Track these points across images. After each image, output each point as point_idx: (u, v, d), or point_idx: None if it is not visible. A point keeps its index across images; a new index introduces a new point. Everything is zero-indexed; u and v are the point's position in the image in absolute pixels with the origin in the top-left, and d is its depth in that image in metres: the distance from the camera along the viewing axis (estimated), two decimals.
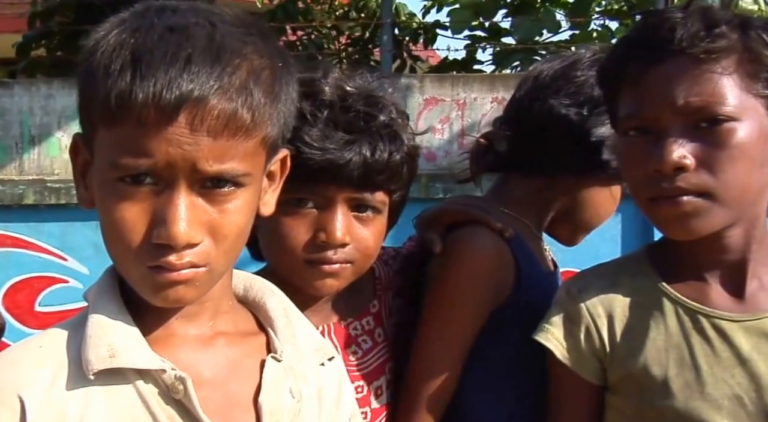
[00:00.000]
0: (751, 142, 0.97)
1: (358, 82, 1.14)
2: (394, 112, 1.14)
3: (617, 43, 1.08)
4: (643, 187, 1.01)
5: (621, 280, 1.09)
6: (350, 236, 1.09)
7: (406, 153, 1.13)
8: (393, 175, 1.12)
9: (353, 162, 1.06)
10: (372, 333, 1.21)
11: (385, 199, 1.13)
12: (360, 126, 1.09)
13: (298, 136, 1.04)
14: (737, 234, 1.03)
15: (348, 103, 1.10)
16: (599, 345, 1.07)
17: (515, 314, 1.20)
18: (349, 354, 1.17)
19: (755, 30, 0.99)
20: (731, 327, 1.01)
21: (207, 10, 0.80)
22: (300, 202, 1.09)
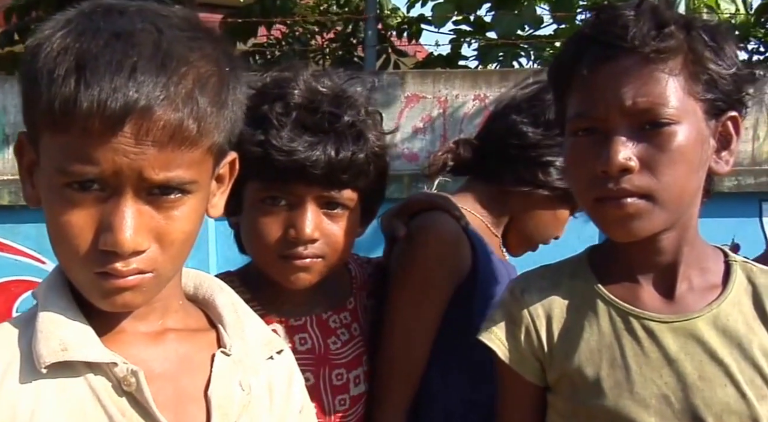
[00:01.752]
0: (689, 145, 0.98)
1: (329, 82, 1.19)
2: (362, 111, 1.19)
3: (570, 38, 1.09)
4: (588, 188, 1.01)
5: (561, 282, 1.11)
6: (320, 232, 1.15)
7: (371, 151, 1.17)
8: (359, 173, 1.16)
9: (318, 162, 1.11)
10: (349, 327, 1.27)
11: (354, 196, 1.18)
12: (325, 127, 1.13)
13: (267, 139, 1.11)
14: (671, 237, 1.05)
15: (315, 105, 1.15)
16: (538, 346, 1.09)
17: (467, 297, 1.28)
18: (329, 344, 1.23)
19: (698, 31, 1.00)
20: (660, 328, 1.03)
21: (155, 12, 0.79)
22: (273, 201, 1.15)
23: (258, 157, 1.11)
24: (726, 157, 1.05)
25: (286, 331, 1.20)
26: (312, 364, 1.20)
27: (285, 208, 1.15)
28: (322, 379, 1.21)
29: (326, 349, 1.22)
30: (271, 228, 1.14)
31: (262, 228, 1.15)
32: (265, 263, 1.18)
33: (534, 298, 1.10)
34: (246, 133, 1.11)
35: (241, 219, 1.19)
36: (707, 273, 1.08)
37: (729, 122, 1.03)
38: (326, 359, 1.22)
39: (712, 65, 0.99)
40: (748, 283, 1.07)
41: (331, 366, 1.22)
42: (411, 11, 5.14)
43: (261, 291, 1.22)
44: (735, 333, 1.03)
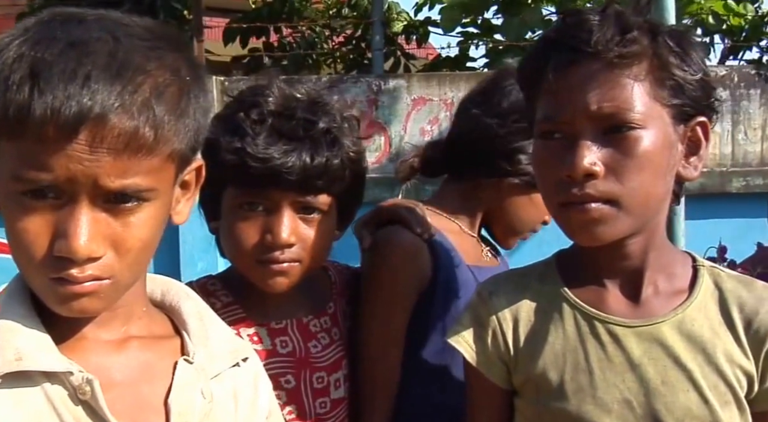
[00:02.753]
0: (655, 150, 0.98)
1: (304, 89, 1.22)
2: (338, 117, 1.21)
3: (536, 42, 1.09)
4: (554, 192, 1.01)
5: (529, 285, 1.11)
6: (296, 237, 1.17)
7: (347, 157, 1.19)
8: (334, 179, 1.18)
9: (294, 168, 1.13)
10: (329, 331, 1.29)
11: (330, 201, 1.20)
12: (300, 133, 1.16)
13: (243, 146, 1.13)
14: (638, 241, 1.04)
15: (290, 111, 1.17)
16: (504, 349, 1.09)
17: (429, 304, 1.32)
18: (310, 347, 1.26)
19: (663, 36, 1.00)
20: (624, 333, 1.03)
21: (115, 22, 0.79)
22: (251, 206, 1.18)
23: (234, 164, 1.14)
24: (695, 162, 1.05)
25: (269, 334, 1.22)
26: (293, 367, 1.22)
27: (262, 214, 1.17)
28: (303, 382, 1.23)
29: (307, 352, 1.24)
30: (249, 233, 1.16)
31: (240, 233, 1.17)
32: (243, 267, 1.20)
33: (501, 301, 1.10)
34: (222, 141, 1.15)
35: (220, 225, 1.22)
36: (674, 278, 1.07)
37: (698, 127, 1.03)
38: (307, 362, 1.24)
39: (677, 71, 0.99)
40: (715, 288, 1.06)
41: (311, 369, 1.24)
42: (418, 14, 5.16)
43: (243, 295, 1.24)
44: (699, 338, 1.02)
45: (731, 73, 3.91)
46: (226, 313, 1.21)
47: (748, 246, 3.21)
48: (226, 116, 1.19)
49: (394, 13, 5.15)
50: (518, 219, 1.42)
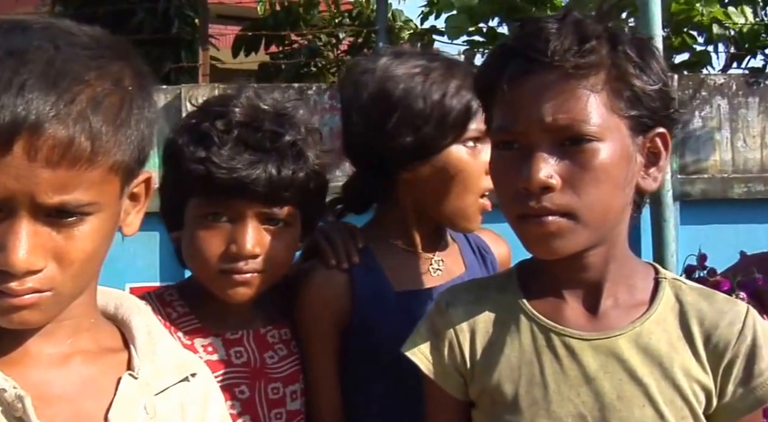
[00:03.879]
0: (613, 163, 0.96)
1: (270, 101, 1.22)
2: (303, 129, 1.22)
3: (493, 50, 1.08)
4: (511, 204, 1.00)
5: (488, 295, 1.09)
6: (260, 248, 1.18)
7: (312, 169, 1.21)
8: (299, 191, 1.19)
9: (259, 180, 1.14)
10: (288, 343, 1.29)
11: (295, 213, 1.21)
12: (267, 145, 1.16)
13: (208, 156, 1.14)
14: (597, 253, 1.02)
15: (257, 123, 1.18)
16: (461, 361, 1.07)
17: (349, 335, 1.28)
18: (266, 358, 1.25)
19: (623, 46, 0.98)
20: (581, 346, 1.02)
21: (60, 30, 0.78)
22: (215, 217, 1.18)
23: (199, 174, 1.14)
24: (654, 174, 1.03)
25: (224, 344, 1.23)
26: (247, 377, 1.22)
27: (226, 224, 1.17)
28: (258, 392, 1.22)
29: (262, 363, 1.24)
30: (213, 243, 1.17)
31: (204, 243, 1.17)
32: (205, 278, 1.20)
33: (459, 312, 1.08)
34: (187, 150, 1.16)
35: (182, 235, 1.22)
36: (634, 290, 1.06)
37: (657, 138, 1.02)
38: (262, 373, 1.23)
39: (636, 81, 0.97)
40: (676, 301, 1.05)
41: (267, 380, 1.23)
42: (424, 23, 5.21)
43: (199, 306, 1.24)
44: (656, 352, 1.00)
45: (729, 81, 3.93)
46: (182, 323, 1.22)
47: (749, 252, 3.23)
48: (192, 125, 1.20)
49: (399, 21, 5.21)
50: (448, 200, 1.28)
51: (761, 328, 1.02)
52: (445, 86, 1.26)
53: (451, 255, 1.37)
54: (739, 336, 1.01)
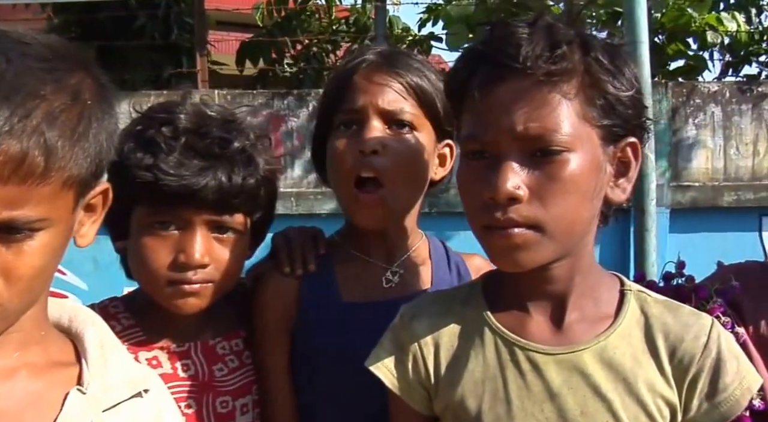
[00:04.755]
0: (582, 174, 0.94)
1: (217, 107, 1.21)
2: (252, 136, 1.20)
3: (463, 54, 1.03)
4: (477, 214, 0.97)
5: (453, 308, 1.07)
6: (210, 257, 1.16)
7: (262, 176, 1.19)
8: (249, 198, 1.18)
9: (208, 187, 1.12)
10: (240, 354, 1.27)
11: (245, 221, 1.20)
12: (215, 152, 1.14)
13: (156, 163, 1.11)
14: (563, 266, 1.00)
15: (205, 130, 1.16)
16: (425, 375, 1.05)
17: (292, 340, 1.28)
18: (215, 371, 1.23)
19: (595, 52, 0.95)
20: (545, 361, 0.99)
21: (13, 41, 0.77)
22: (163, 225, 1.15)
23: (146, 182, 1.11)
24: (624, 184, 1.01)
25: (169, 358, 1.20)
26: (194, 391, 1.20)
27: (174, 233, 1.15)
28: (206, 406, 1.20)
29: (210, 376, 1.21)
30: (160, 253, 1.14)
31: (151, 253, 1.15)
32: (153, 289, 1.18)
33: (423, 325, 1.06)
34: (133, 158, 1.13)
35: (128, 244, 1.19)
36: (600, 303, 1.04)
37: (628, 148, 0.99)
38: (210, 386, 1.21)
39: (609, 88, 0.94)
40: (641, 314, 1.03)
41: (215, 394, 1.21)
42: (422, 30, 5.24)
43: (145, 318, 1.22)
44: (621, 366, 0.99)
45: (723, 88, 3.95)
46: (126, 336, 1.19)
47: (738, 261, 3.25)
48: (137, 132, 1.17)
49: (397, 28, 5.24)
50: (336, 193, 1.28)
51: (726, 341, 1.01)
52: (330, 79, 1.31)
53: (416, 269, 1.32)
54: (704, 350, 0.99)
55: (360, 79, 1.23)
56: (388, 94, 1.22)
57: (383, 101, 1.21)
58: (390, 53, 1.28)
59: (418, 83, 1.24)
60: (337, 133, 1.24)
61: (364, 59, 1.25)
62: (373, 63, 1.24)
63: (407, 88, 1.22)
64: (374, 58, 1.25)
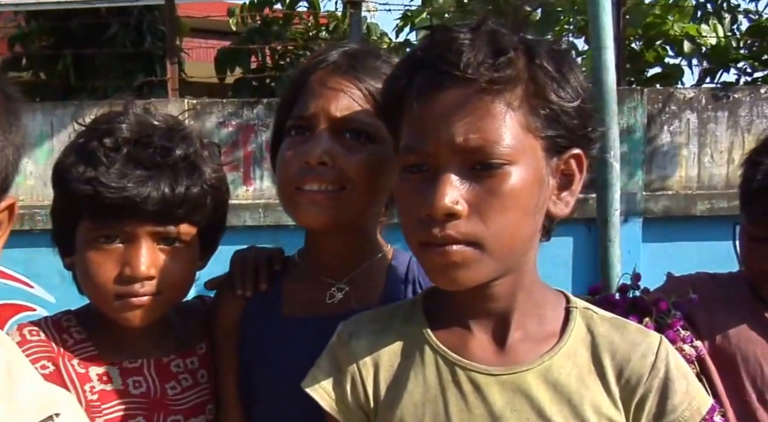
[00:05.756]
0: (524, 188, 0.90)
1: (161, 116, 1.19)
2: (197, 144, 1.18)
3: (401, 60, 0.98)
4: (414, 231, 0.92)
5: (393, 326, 1.02)
6: (156, 268, 1.14)
7: (208, 184, 1.17)
8: (194, 208, 1.15)
9: (151, 198, 1.10)
10: (195, 373, 1.24)
11: (191, 230, 1.17)
12: (157, 161, 1.12)
13: (96, 176, 1.09)
14: (505, 283, 0.96)
15: (147, 139, 1.14)
16: (364, 397, 1.00)
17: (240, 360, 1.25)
18: (167, 389, 1.21)
19: (541, 59, 0.90)
20: (487, 382, 0.95)
21: None
22: (107, 239, 1.14)
23: (87, 195, 1.10)
24: (567, 198, 0.97)
25: (120, 373, 1.18)
26: (145, 409, 1.18)
27: (119, 246, 1.13)
28: None
29: (162, 394, 1.19)
30: (106, 267, 1.13)
31: (97, 267, 1.13)
32: (101, 302, 1.16)
33: (362, 344, 1.01)
34: (74, 171, 1.11)
35: (75, 260, 1.18)
36: (544, 321, 1.00)
37: (572, 160, 0.95)
38: (161, 404, 1.19)
39: (554, 97, 0.90)
40: (587, 332, 0.99)
41: (166, 412, 1.19)
42: (399, 36, 5.22)
43: (98, 332, 1.20)
44: (566, 388, 0.95)
45: (699, 95, 3.93)
46: (78, 351, 1.17)
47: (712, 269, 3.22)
48: (79, 145, 1.15)
49: (375, 34, 5.22)
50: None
51: (675, 360, 0.98)
52: (290, 78, 1.26)
53: (366, 285, 1.24)
54: (651, 370, 0.96)
55: (314, 82, 1.15)
56: (343, 100, 1.13)
57: (336, 108, 1.13)
58: (355, 53, 1.18)
59: (379, 90, 1.14)
60: (287, 138, 1.17)
61: (323, 59, 1.17)
62: (331, 64, 1.16)
63: (365, 94, 1.14)
64: (335, 58, 1.16)
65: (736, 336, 1.38)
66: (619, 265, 2.08)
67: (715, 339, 1.38)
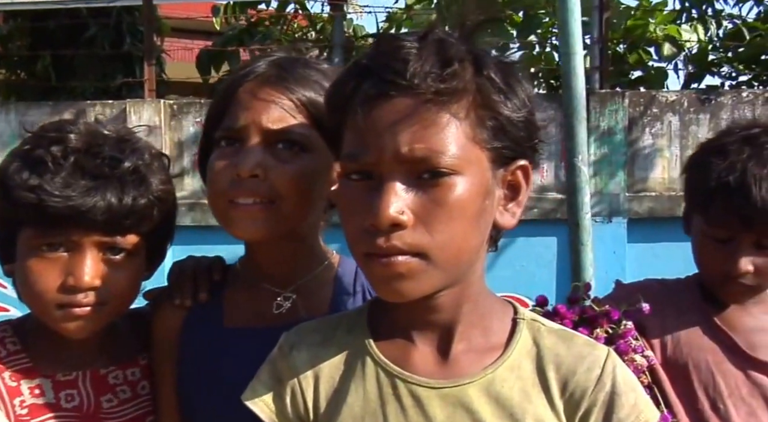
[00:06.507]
0: (471, 199, 0.88)
1: (112, 127, 1.19)
2: (146, 155, 1.17)
3: (347, 67, 0.97)
4: (358, 241, 0.90)
5: (336, 336, 1.00)
6: (100, 279, 1.12)
7: (155, 196, 1.16)
8: (141, 219, 1.15)
9: (97, 208, 1.09)
10: (135, 385, 1.22)
11: (138, 241, 1.16)
12: (105, 172, 1.12)
13: (41, 184, 1.08)
14: (450, 294, 0.94)
15: (96, 149, 1.13)
16: (303, 411, 0.98)
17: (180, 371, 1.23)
18: (102, 402, 1.18)
19: (488, 70, 0.89)
20: (428, 395, 0.93)
21: None
22: (50, 247, 1.12)
23: (31, 203, 1.08)
24: (513, 209, 0.95)
25: (53, 387, 1.16)
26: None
27: (63, 254, 1.12)
28: None
29: (97, 407, 1.17)
30: (49, 276, 1.11)
31: (39, 276, 1.12)
32: (42, 312, 1.14)
33: (303, 356, 0.99)
34: (18, 178, 1.10)
35: (16, 267, 1.16)
36: (489, 333, 0.97)
37: (519, 171, 0.94)
38: (95, 418, 1.17)
39: (501, 109, 0.89)
40: (533, 344, 0.96)
41: None
42: None
43: (34, 343, 1.18)
44: (509, 401, 0.92)
45: (681, 98, 3.92)
46: (10, 363, 1.15)
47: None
48: (24, 152, 1.14)
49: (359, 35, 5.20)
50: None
51: (622, 374, 0.95)
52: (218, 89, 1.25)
53: (314, 294, 1.22)
54: (597, 383, 0.93)
55: (244, 93, 1.12)
56: (274, 111, 1.11)
57: (268, 119, 1.10)
58: (283, 63, 1.16)
59: (311, 98, 1.13)
60: (217, 149, 1.14)
61: (252, 70, 1.15)
62: (260, 76, 1.14)
63: (297, 104, 1.12)
64: (264, 69, 1.14)
65: (687, 345, 1.35)
66: (592, 268, 2.05)
67: (667, 348, 1.35)
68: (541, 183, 3.82)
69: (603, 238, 3.90)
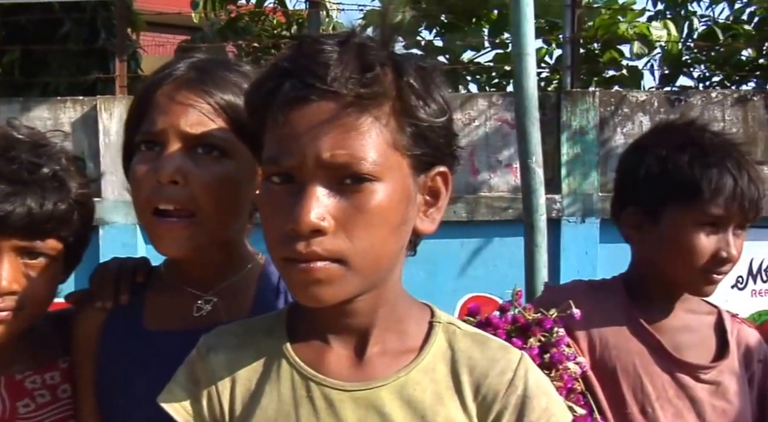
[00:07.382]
0: (391, 206, 0.88)
1: (26, 131, 1.18)
2: (64, 160, 1.17)
3: (267, 69, 0.95)
4: (277, 245, 0.89)
5: (254, 339, 1.00)
6: (19, 283, 1.12)
7: (74, 200, 1.16)
8: (61, 223, 1.14)
9: (17, 213, 1.09)
10: (55, 389, 1.21)
11: (57, 245, 1.16)
12: (24, 177, 1.11)
13: None
14: (366, 298, 0.94)
15: (13, 154, 1.12)
16: (219, 414, 0.98)
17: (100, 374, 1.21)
18: (19, 407, 1.18)
19: (408, 76, 0.89)
20: (341, 398, 0.93)
21: None
22: None
23: None
24: (433, 215, 0.96)
25: None
26: None
27: None
28: None
29: (12, 412, 1.16)
30: None
31: None
32: None
33: (220, 358, 0.99)
34: None
35: None
36: (405, 336, 0.98)
37: (438, 177, 0.94)
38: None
39: (421, 115, 0.89)
40: (448, 348, 0.97)
41: None
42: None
43: None
44: (420, 404, 0.93)
45: (651, 98, 3.94)
46: None
47: None
48: None
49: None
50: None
51: (535, 377, 0.95)
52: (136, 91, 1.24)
53: (236, 297, 1.21)
54: (509, 386, 0.94)
55: (162, 97, 1.11)
56: (192, 115, 1.09)
57: (186, 123, 1.09)
58: (202, 66, 1.15)
59: (230, 102, 1.11)
60: (138, 153, 1.13)
61: (170, 73, 1.13)
62: (179, 78, 1.12)
63: (215, 108, 1.11)
64: (182, 72, 1.13)
65: (615, 348, 1.35)
66: (545, 270, 2.06)
67: (596, 352, 1.35)
68: (515, 184, 3.83)
69: (576, 239, 3.91)
